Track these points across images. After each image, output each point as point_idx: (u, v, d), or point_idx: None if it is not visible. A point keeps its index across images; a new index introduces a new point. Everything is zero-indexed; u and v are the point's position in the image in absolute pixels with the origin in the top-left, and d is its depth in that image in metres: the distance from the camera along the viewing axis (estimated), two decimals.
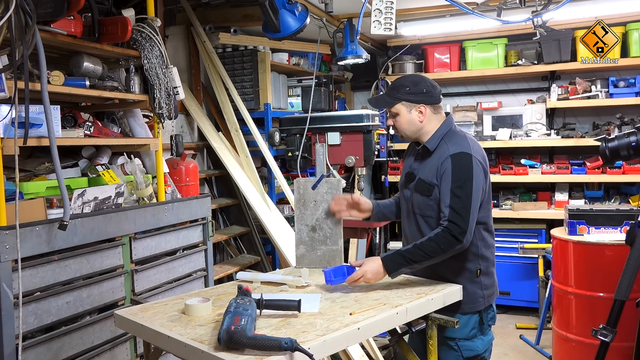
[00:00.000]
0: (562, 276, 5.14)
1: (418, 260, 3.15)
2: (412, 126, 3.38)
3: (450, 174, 3.18)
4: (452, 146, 3.26)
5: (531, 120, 7.34)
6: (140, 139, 4.50)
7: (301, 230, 3.73)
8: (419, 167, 3.40)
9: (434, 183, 3.25)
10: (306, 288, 3.26)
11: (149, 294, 4.08)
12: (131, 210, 3.93)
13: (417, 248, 3.15)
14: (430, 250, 3.12)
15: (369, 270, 3.17)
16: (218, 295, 3.15)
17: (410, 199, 3.41)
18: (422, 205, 3.32)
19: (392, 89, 3.40)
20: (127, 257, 3.91)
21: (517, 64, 7.26)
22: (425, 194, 3.28)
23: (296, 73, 7.16)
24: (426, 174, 3.31)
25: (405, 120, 3.38)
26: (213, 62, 6.14)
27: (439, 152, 3.30)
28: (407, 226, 3.49)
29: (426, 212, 3.31)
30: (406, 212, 3.48)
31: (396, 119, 3.40)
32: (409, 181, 3.43)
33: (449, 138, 3.33)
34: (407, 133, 3.42)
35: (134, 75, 4.33)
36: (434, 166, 3.28)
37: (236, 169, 5.97)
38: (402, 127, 3.40)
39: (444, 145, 3.30)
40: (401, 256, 3.18)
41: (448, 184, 3.17)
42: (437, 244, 3.11)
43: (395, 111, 3.39)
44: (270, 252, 6.41)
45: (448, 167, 3.20)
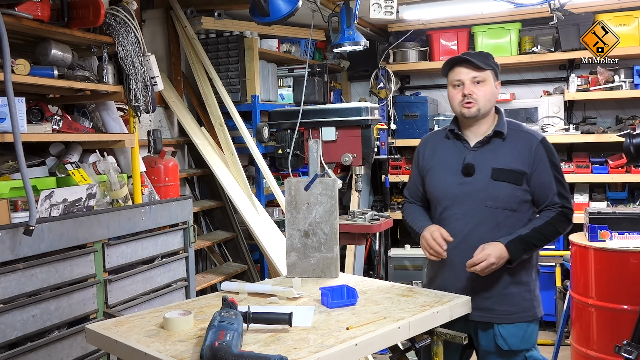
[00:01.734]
0: (582, 287, 5.15)
1: (538, 245, 3.30)
2: (492, 99, 3.43)
3: (548, 160, 3.33)
4: (532, 132, 3.41)
5: (547, 113, 7.36)
6: (114, 135, 4.50)
7: (293, 235, 3.74)
8: (480, 157, 3.39)
9: (524, 171, 3.32)
10: (298, 300, 3.26)
11: (124, 306, 4.09)
12: (104, 213, 3.93)
13: (537, 232, 3.27)
14: (550, 234, 3.29)
15: (493, 254, 3.19)
16: (200, 307, 3.16)
17: (482, 193, 3.35)
18: (509, 197, 3.32)
19: (481, 55, 3.45)
20: (99, 266, 3.91)
21: (532, 51, 7.27)
22: (516, 182, 3.32)
23: (287, 62, 7.17)
24: (507, 162, 3.34)
25: (490, 91, 3.40)
26: (195, 50, 6.14)
27: (516, 139, 3.38)
28: (466, 228, 3.39)
29: (511, 205, 3.33)
30: (468, 210, 3.39)
31: (480, 88, 3.38)
32: (467, 174, 3.39)
33: (517, 125, 3.47)
34: (487, 106, 3.41)
35: (108, 64, 4.33)
36: (518, 153, 3.35)
37: (220, 167, 5.97)
38: (486, 97, 3.38)
39: (518, 132, 3.40)
40: (523, 241, 3.26)
41: (548, 170, 3.33)
42: (556, 227, 3.29)
43: (484, 77, 3.38)
44: (259, 260, 6.41)
45: (542, 153, 3.34)
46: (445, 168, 3.49)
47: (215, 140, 6.18)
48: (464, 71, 3.37)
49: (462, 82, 3.38)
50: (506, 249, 3.20)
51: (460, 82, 3.39)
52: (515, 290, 3.38)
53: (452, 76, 3.43)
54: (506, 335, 3.36)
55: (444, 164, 3.51)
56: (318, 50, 7.82)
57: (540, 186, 3.32)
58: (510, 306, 3.35)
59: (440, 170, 3.52)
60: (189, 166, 6.48)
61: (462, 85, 3.38)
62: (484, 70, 3.37)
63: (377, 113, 3.97)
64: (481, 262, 3.18)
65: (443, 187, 3.48)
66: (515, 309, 3.35)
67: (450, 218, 3.44)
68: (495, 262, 3.18)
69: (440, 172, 3.51)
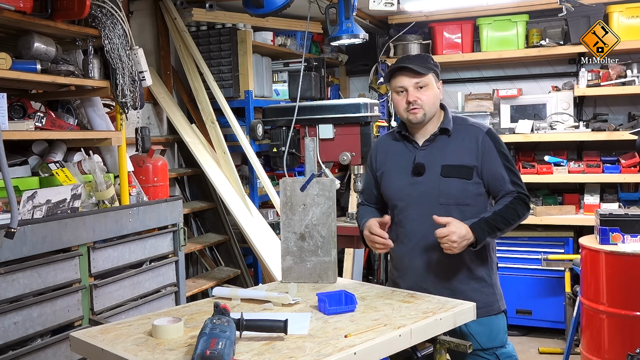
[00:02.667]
0: (593, 292, 5.17)
1: (501, 229, 3.36)
2: (437, 102, 3.53)
3: (496, 150, 3.45)
4: (478, 125, 3.52)
5: (556, 110, 7.36)
6: (101, 132, 4.50)
7: (288, 238, 3.74)
8: (429, 155, 3.49)
9: (472, 165, 3.43)
10: (294, 306, 3.26)
11: (110, 312, 4.09)
12: (90, 215, 3.94)
13: (499, 215, 3.37)
14: (511, 217, 3.38)
15: (457, 232, 3.25)
16: (191, 314, 3.16)
17: (434, 192, 3.46)
18: (461, 192, 3.43)
19: (420, 58, 3.53)
20: (84, 270, 3.91)
21: (540, 44, 7.28)
22: (466, 177, 3.42)
23: (282, 55, 7.17)
24: (456, 158, 3.45)
25: (434, 94, 3.50)
26: (185, 43, 6.15)
27: (462, 134, 3.49)
28: (423, 227, 3.46)
29: (464, 200, 3.44)
30: (423, 210, 3.47)
31: (424, 92, 3.46)
32: (417, 174, 3.49)
33: (461, 120, 3.57)
34: (432, 110, 3.51)
35: (93, 58, 4.33)
36: (465, 147, 3.45)
37: (212, 167, 5.98)
38: (431, 101, 3.47)
39: (464, 127, 3.52)
40: (487, 223, 3.34)
41: (497, 160, 3.44)
42: (516, 210, 3.39)
43: (427, 81, 3.47)
44: (252, 264, 6.41)
45: (489, 144, 3.46)
46: (397, 170, 3.59)
47: (207, 138, 6.19)
48: (406, 78, 3.47)
49: (405, 88, 3.47)
50: (471, 230, 3.27)
51: (403, 88, 3.48)
52: (476, 285, 3.49)
53: (394, 83, 3.52)
54: (474, 333, 3.41)
55: (395, 166, 3.61)
56: (315, 44, 7.83)
57: (492, 177, 3.45)
58: (472, 301, 3.35)
59: (392, 173, 3.62)
60: (178, 165, 6.48)
61: (406, 92, 3.47)
62: (425, 75, 3.46)
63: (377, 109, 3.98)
64: (442, 235, 3.25)
65: (396, 189, 3.58)
66: (478, 304, 3.36)
67: (406, 219, 3.55)
68: (457, 242, 3.24)
69: (393, 174, 3.61)
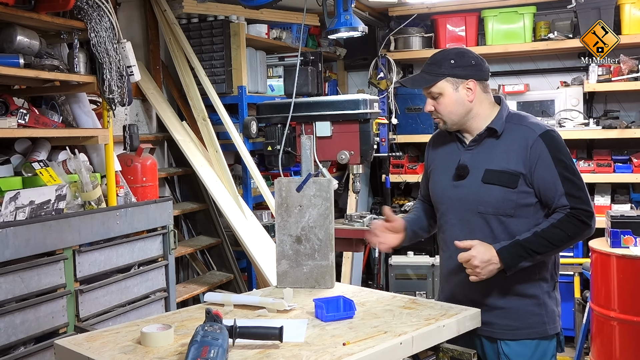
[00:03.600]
0: (603, 298, 5.17)
1: (540, 252, 3.19)
2: (460, 108, 3.36)
3: (550, 157, 3.24)
4: (533, 126, 3.32)
5: (565, 106, 7.37)
6: (87, 130, 4.51)
7: (284, 241, 3.74)
8: (474, 157, 3.38)
9: (519, 172, 3.26)
10: (290, 312, 3.27)
11: (97, 319, 4.09)
12: (75, 217, 3.94)
13: (539, 236, 3.19)
14: (556, 239, 3.19)
15: (478, 256, 3.15)
16: (181, 321, 3.17)
17: (473, 197, 3.34)
18: (501, 201, 3.27)
19: (432, 65, 3.40)
20: (70, 275, 3.92)
21: (548, 38, 7.28)
22: (509, 185, 3.26)
23: (277, 49, 7.17)
24: (500, 162, 3.29)
25: (451, 101, 3.35)
26: (175, 36, 6.15)
27: (513, 135, 3.32)
28: (461, 235, 3.36)
29: (505, 210, 3.27)
30: (461, 216, 3.40)
31: (439, 101, 3.37)
32: (461, 177, 3.38)
33: (518, 119, 3.38)
34: (453, 118, 3.38)
35: (79, 52, 4.33)
36: (512, 151, 3.28)
37: (204, 166, 5.98)
38: (447, 109, 3.36)
39: (518, 127, 3.34)
40: (520, 246, 3.18)
41: (550, 168, 3.23)
42: (564, 230, 3.18)
43: (437, 91, 3.36)
44: (246, 268, 6.42)
45: (542, 149, 3.25)
46: (443, 169, 3.50)
47: (198, 136, 6.19)
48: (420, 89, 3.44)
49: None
50: (497, 255, 3.16)
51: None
52: (520, 303, 3.34)
53: None
54: (510, 354, 3.33)
55: (442, 165, 3.53)
56: (311, 37, 7.83)
57: (543, 187, 3.26)
58: (513, 320, 3.32)
59: (438, 172, 3.54)
60: (168, 165, 6.48)
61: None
62: (433, 84, 3.37)
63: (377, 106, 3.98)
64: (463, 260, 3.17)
65: (439, 190, 3.50)
66: (519, 323, 3.32)
67: (446, 224, 3.47)
68: (480, 267, 3.14)
69: (438, 173, 3.53)
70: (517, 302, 3.34)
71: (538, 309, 3.35)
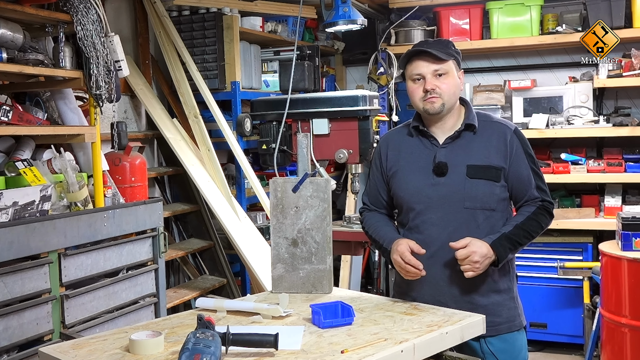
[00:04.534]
0: (614, 304, 5.18)
1: (522, 243, 3.41)
2: (458, 92, 3.51)
3: (523, 152, 3.47)
4: (504, 122, 3.54)
5: (574, 103, 7.36)
6: (73, 128, 4.50)
7: (279, 244, 3.75)
8: (453, 153, 3.45)
9: (501, 166, 3.42)
10: (285, 319, 3.27)
11: (83, 326, 4.09)
12: (61, 219, 3.94)
13: (521, 229, 3.40)
14: (534, 230, 3.42)
15: (478, 251, 3.26)
16: (172, 327, 3.17)
17: (457, 194, 3.42)
18: (488, 196, 3.42)
19: (440, 44, 3.48)
20: (55, 280, 3.91)
21: (556, 31, 7.27)
22: (494, 179, 3.41)
23: (272, 43, 7.17)
24: (483, 158, 3.43)
25: (455, 83, 3.47)
26: (166, 29, 6.15)
27: (489, 131, 3.48)
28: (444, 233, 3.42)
29: (490, 204, 3.43)
30: (444, 214, 3.45)
31: (444, 80, 3.43)
32: (439, 174, 3.44)
33: (486, 116, 3.57)
34: (452, 101, 3.48)
35: (65, 46, 4.33)
36: (492, 147, 3.44)
37: (195, 165, 5.98)
38: (451, 90, 3.44)
39: (490, 123, 3.51)
40: (508, 239, 3.37)
41: (525, 162, 3.46)
42: (539, 222, 3.43)
43: (447, 69, 3.44)
44: (239, 272, 6.42)
45: (517, 144, 3.47)
46: (415, 169, 3.53)
47: (190, 134, 6.19)
48: (424, 64, 3.43)
49: (422, 75, 3.44)
50: (492, 249, 3.29)
51: (421, 75, 3.44)
52: (499, 298, 3.48)
53: (411, 70, 3.48)
54: (496, 351, 3.41)
55: (412, 165, 3.54)
56: (308, 30, 7.82)
57: (518, 181, 3.46)
58: (495, 316, 3.41)
59: (408, 172, 3.55)
60: (158, 164, 6.48)
61: (423, 79, 3.44)
62: (446, 61, 3.43)
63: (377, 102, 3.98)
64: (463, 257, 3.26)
65: (414, 190, 3.51)
66: (501, 319, 3.43)
67: (424, 224, 3.49)
68: (479, 262, 3.26)
69: (409, 173, 3.54)
70: (497, 297, 3.48)
71: (512, 302, 3.53)
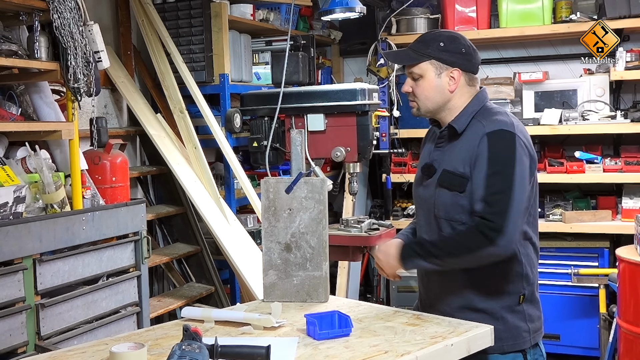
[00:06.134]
0: (632, 313, 5.19)
1: (437, 256, 3.32)
2: (437, 95, 3.45)
3: (486, 158, 3.28)
4: (488, 123, 3.36)
5: (589, 97, 7.36)
6: (49, 124, 4.50)
7: (271, 249, 3.75)
8: (441, 156, 3.47)
9: (467, 174, 3.33)
10: (278, 330, 3.28)
11: (60, 337, 4.09)
12: (36, 222, 3.94)
13: (441, 242, 3.38)
14: (453, 248, 3.30)
15: (382, 249, 3.40)
16: (156, 339, 3.17)
17: (431, 200, 3.45)
18: (450, 206, 3.38)
19: (420, 43, 3.48)
20: (30, 287, 3.91)
21: (570, 19, 7.28)
22: (456, 189, 3.35)
23: (264, 32, 7.17)
24: (454, 164, 3.38)
25: (430, 86, 3.44)
26: (149, 17, 6.15)
27: (470, 134, 3.40)
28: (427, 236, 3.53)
29: (454, 215, 3.38)
30: (425, 218, 3.53)
31: (418, 83, 3.46)
32: (427, 176, 3.49)
33: (483, 115, 3.43)
34: (427, 105, 3.48)
35: (40, 36, 4.33)
36: (464, 151, 3.36)
37: (181, 164, 5.98)
38: (424, 94, 3.46)
39: (477, 124, 3.40)
40: (421, 245, 3.43)
41: (482, 170, 3.27)
42: (461, 242, 3.29)
43: (419, 72, 3.44)
44: (228, 279, 6.42)
45: (483, 148, 3.30)
46: (419, 167, 3.65)
47: (175, 131, 6.19)
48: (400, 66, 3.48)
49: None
50: (398, 248, 3.39)
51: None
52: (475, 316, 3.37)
53: None
54: None
55: (420, 162, 3.67)
56: (303, 19, 7.81)
57: (471, 189, 3.31)
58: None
59: (419, 166, 3.67)
60: (141, 163, 6.48)
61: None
62: (415, 64, 3.44)
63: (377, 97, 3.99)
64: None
65: (413, 189, 3.68)
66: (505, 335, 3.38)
67: (418, 224, 3.66)
68: (383, 260, 3.46)
69: (418, 168, 3.67)
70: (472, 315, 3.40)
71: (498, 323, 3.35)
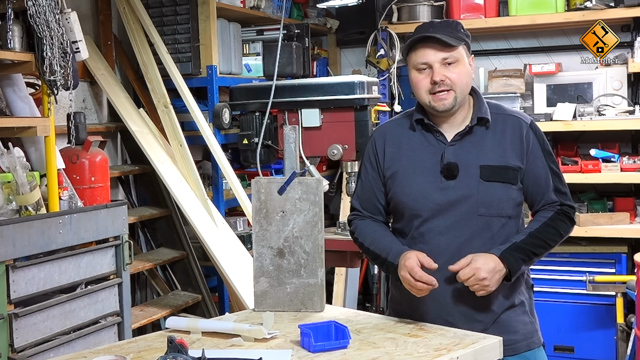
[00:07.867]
0: None
1: (538, 254, 3.40)
2: (469, 83, 3.47)
3: (541, 149, 3.47)
4: (518, 114, 3.51)
5: (605, 91, 7.37)
6: (23, 120, 4.51)
7: (263, 255, 3.75)
8: (463, 151, 3.43)
9: (518, 166, 3.41)
10: (270, 341, 3.28)
11: (35, 349, 4.09)
12: (9, 225, 3.94)
13: (535, 237, 3.39)
14: (551, 238, 3.42)
15: (483, 267, 3.21)
16: (138, 351, 3.18)
17: (471, 199, 3.40)
18: (505, 201, 3.41)
19: (448, 27, 3.44)
20: (2, 296, 3.91)
21: (585, 7, 7.27)
22: (510, 181, 3.41)
23: (255, 21, 7.18)
24: (497, 157, 3.41)
25: (466, 72, 3.43)
26: (131, 5, 6.15)
27: (501, 125, 3.46)
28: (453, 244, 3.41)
29: (507, 210, 3.43)
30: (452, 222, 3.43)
31: (455, 69, 3.38)
32: (452, 176, 3.41)
33: (494, 107, 3.52)
34: (463, 94, 3.44)
35: (13, 25, 4.33)
36: (506, 144, 3.42)
37: (165, 163, 5.98)
38: (462, 81, 3.40)
39: (503, 116, 3.48)
40: (520, 249, 3.34)
41: (542, 161, 3.46)
42: (557, 228, 3.43)
43: (457, 56, 3.40)
44: (217, 287, 6.43)
45: (534, 139, 3.47)
46: (419, 170, 3.49)
47: (159, 127, 6.19)
48: (431, 52, 3.40)
49: (429, 65, 3.40)
50: (501, 261, 3.27)
51: (427, 65, 3.40)
52: (512, 314, 3.47)
53: (415, 58, 3.45)
54: None
55: (415, 165, 3.50)
56: (297, 6, 7.82)
57: (534, 182, 3.46)
58: (510, 334, 3.40)
59: (412, 173, 3.50)
60: (123, 162, 6.49)
61: (430, 68, 3.40)
62: (456, 48, 3.38)
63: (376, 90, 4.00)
64: (467, 277, 3.22)
65: (420, 195, 3.46)
66: (518, 336, 3.44)
67: (430, 233, 3.46)
68: (487, 278, 3.21)
69: (413, 175, 3.50)
70: (510, 314, 3.47)
71: (527, 317, 3.53)
